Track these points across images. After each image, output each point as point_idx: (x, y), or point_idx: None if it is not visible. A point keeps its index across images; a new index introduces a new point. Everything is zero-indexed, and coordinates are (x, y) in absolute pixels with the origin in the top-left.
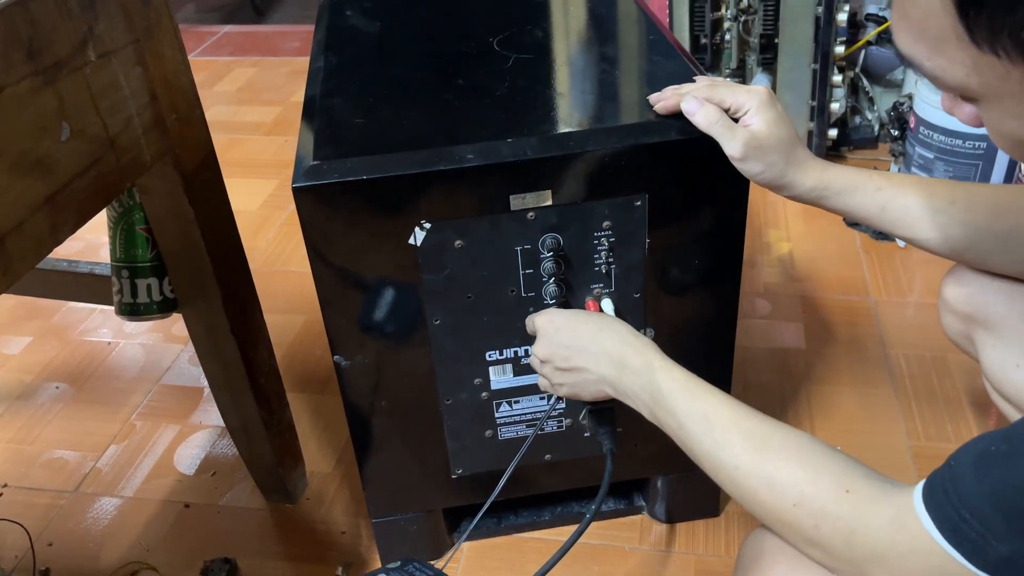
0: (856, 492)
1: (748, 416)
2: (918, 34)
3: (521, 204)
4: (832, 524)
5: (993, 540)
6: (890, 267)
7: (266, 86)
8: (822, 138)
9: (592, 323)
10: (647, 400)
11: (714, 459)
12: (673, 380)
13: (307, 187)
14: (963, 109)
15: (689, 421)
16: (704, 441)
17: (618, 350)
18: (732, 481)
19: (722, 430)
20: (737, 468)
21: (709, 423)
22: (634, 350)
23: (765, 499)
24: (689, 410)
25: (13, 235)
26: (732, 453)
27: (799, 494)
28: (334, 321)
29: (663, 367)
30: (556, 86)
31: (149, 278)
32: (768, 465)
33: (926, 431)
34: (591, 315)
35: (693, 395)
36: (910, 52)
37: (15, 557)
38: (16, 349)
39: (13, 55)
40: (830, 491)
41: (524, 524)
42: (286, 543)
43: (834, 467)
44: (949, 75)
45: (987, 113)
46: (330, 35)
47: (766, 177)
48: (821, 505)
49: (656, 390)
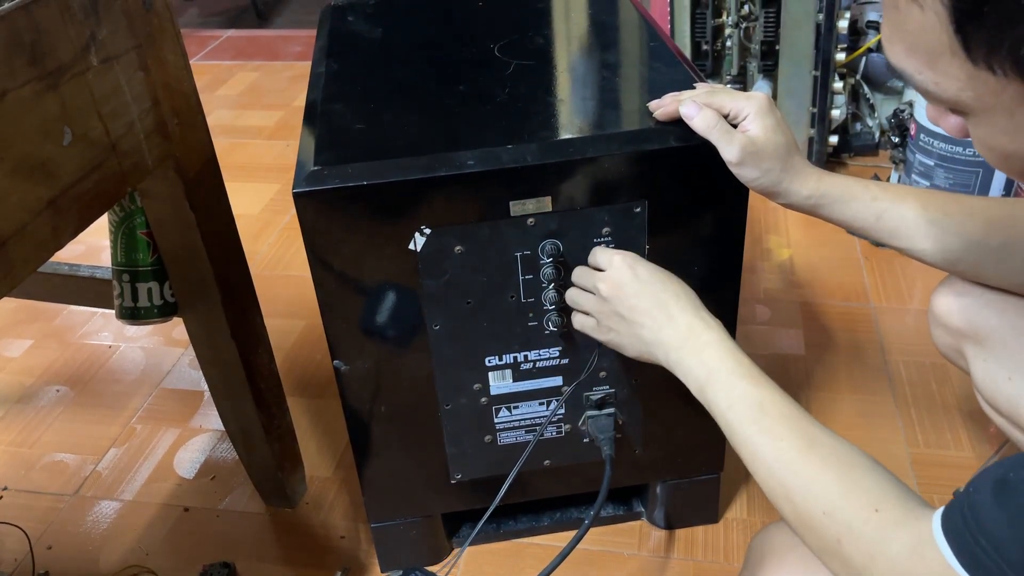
0: (883, 513)
1: (802, 416)
2: (911, 47)
3: (521, 210)
4: (854, 543)
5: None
6: (890, 274)
7: (268, 91)
8: (823, 145)
9: (672, 285)
10: (701, 375)
11: (756, 447)
12: (737, 362)
13: (308, 192)
14: (949, 120)
15: (741, 404)
16: (751, 427)
17: (688, 321)
18: (768, 472)
19: (772, 420)
20: (778, 460)
21: (762, 410)
22: (705, 324)
23: (796, 499)
24: (744, 393)
25: (15, 239)
26: (776, 446)
27: (830, 504)
28: (334, 326)
29: (730, 348)
30: (556, 92)
31: (150, 282)
32: (809, 467)
33: (925, 438)
34: (672, 277)
35: (753, 381)
36: (902, 65)
37: (14, 560)
38: (17, 352)
39: (16, 60)
40: (860, 509)
41: (523, 529)
42: (285, 547)
43: (870, 483)
44: (942, 89)
45: (977, 128)
46: (332, 40)
47: (762, 183)
48: (848, 521)
49: (716, 367)
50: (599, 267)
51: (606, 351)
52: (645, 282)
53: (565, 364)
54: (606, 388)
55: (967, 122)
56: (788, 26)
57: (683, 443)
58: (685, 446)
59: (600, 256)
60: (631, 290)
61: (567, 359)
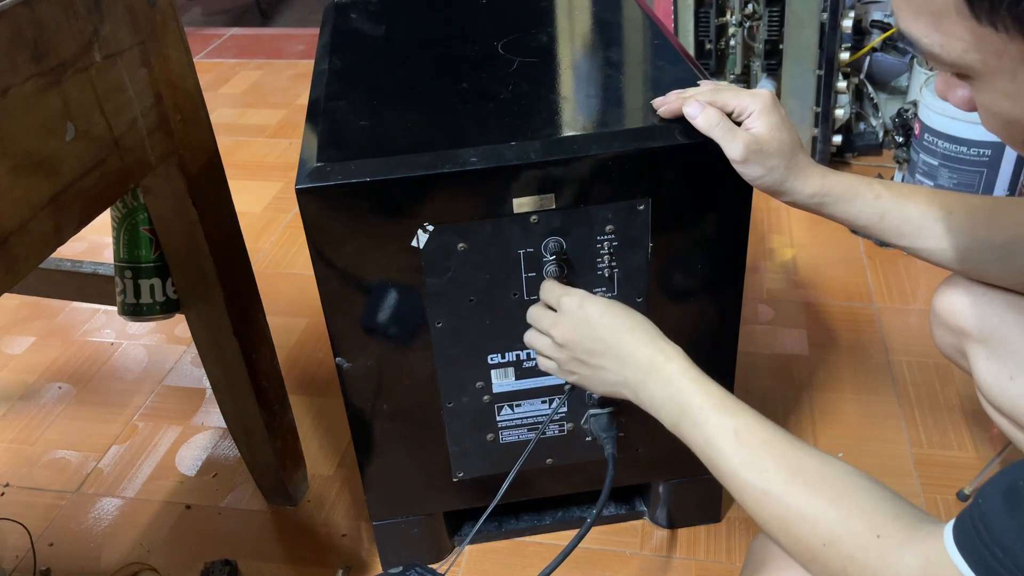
0: (886, 538)
1: (782, 439)
2: (918, 9)
3: (524, 207)
4: (860, 571)
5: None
6: (894, 274)
7: (271, 89)
8: (826, 144)
9: (626, 320)
10: (673, 410)
11: (741, 480)
12: (705, 394)
13: (310, 189)
14: (956, 92)
15: (718, 437)
16: (732, 460)
17: (648, 355)
18: (758, 505)
19: (752, 451)
20: (766, 493)
21: (739, 441)
22: (665, 357)
23: (792, 532)
24: (719, 425)
25: (17, 234)
26: (762, 478)
27: (829, 534)
28: (336, 323)
29: (694, 378)
30: (560, 90)
31: (152, 279)
32: (800, 497)
33: (928, 438)
34: (624, 311)
35: (725, 410)
36: (910, 29)
37: (16, 557)
38: (19, 349)
39: (18, 56)
40: (860, 536)
41: (525, 528)
42: (287, 545)
43: (867, 505)
44: (947, 51)
45: (981, 94)
46: (335, 38)
47: (766, 182)
48: (850, 551)
49: (685, 401)
50: (550, 305)
51: None
52: (597, 323)
53: None
54: None
55: (973, 88)
56: (792, 25)
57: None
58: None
59: (549, 295)
60: (584, 333)
61: None
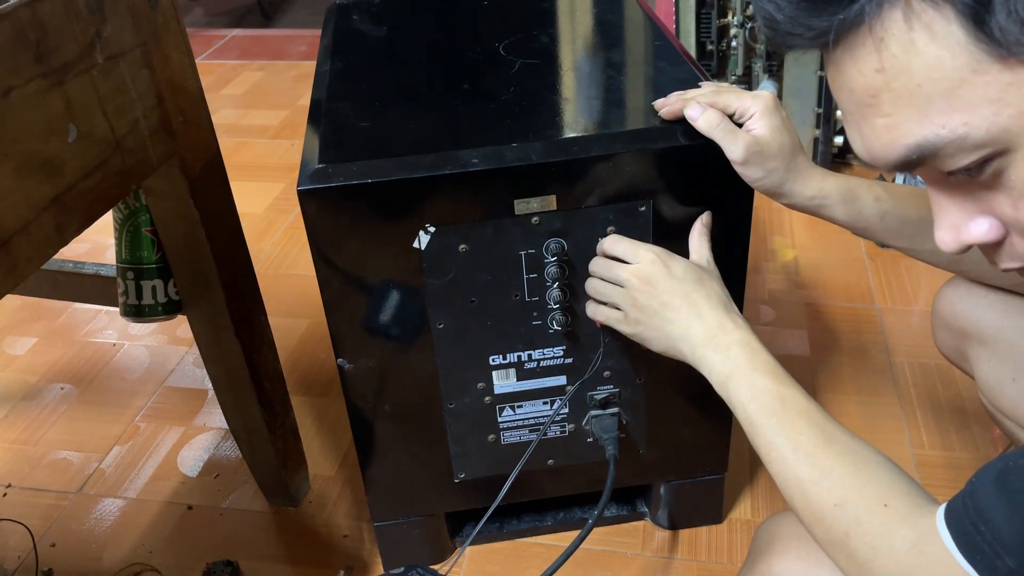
0: (892, 508)
1: (822, 414)
2: (925, 101)
3: (525, 209)
4: (861, 536)
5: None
6: (895, 275)
7: (273, 90)
8: (828, 145)
9: (706, 285)
10: (725, 370)
11: (774, 437)
12: (762, 360)
13: (312, 190)
14: (978, 223)
15: (763, 399)
16: (770, 419)
17: (717, 318)
18: (783, 463)
19: (792, 415)
20: (795, 452)
21: (783, 404)
22: (734, 324)
23: (809, 491)
24: (766, 388)
25: (19, 235)
26: (794, 439)
27: (843, 497)
28: (338, 324)
29: (756, 348)
30: (561, 91)
31: (154, 280)
32: (825, 460)
33: (930, 440)
34: (706, 274)
35: (776, 378)
36: (917, 136)
37: (18, 558)
38: (21, 350)
39: (21, 57)
40: (870, 501)
41: (526, 529)
42: (288, 546)
43: (883, 479)
44: (975, 126)
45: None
46: (337, 39)
47: (766, 184)
48: (858, 513)
49: (741, 363)
50: (623, 259)
51: (610, 351)
52: (679, 279)
53: (569, 363)
54: (610, 388)
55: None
56: None
57: (687, 443)
58: (689, 446)
59: (625, 247)
60: (664, 286)
61: (571, 358)
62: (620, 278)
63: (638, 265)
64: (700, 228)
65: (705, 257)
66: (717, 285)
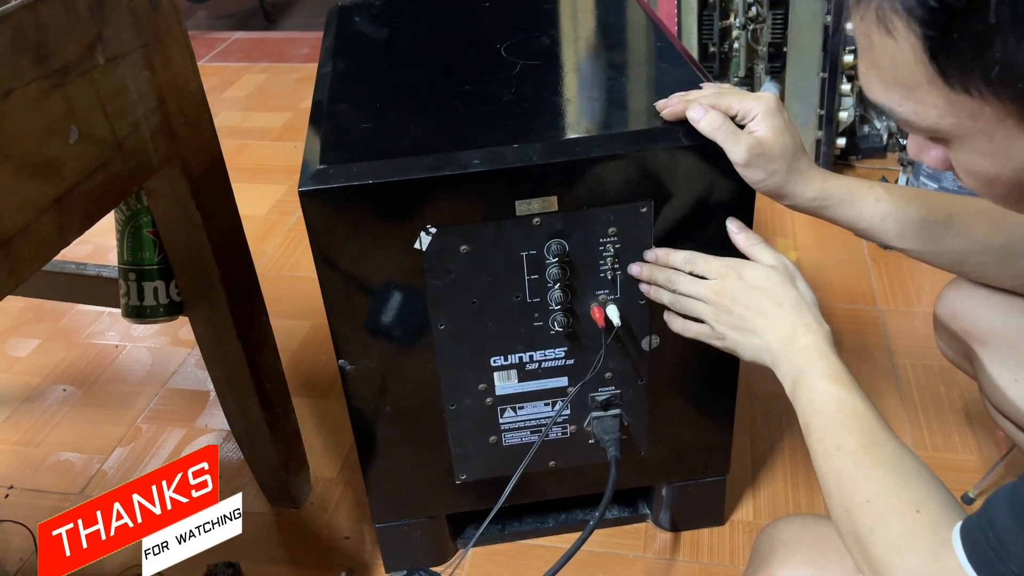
0: (923, 515)
1: (877, 421)
2: (890, 82)
3: (527, 210)
4: (886, 533)
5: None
6: (898, 276)
7: (275, 92)
8: (830, 147)
9: (780, 291)
10: (794, 375)
11: (824, 435)
12: (828, 365)
13: (313, 191)
14: (931, 153)
15: (822, 401)
16: (822, 420)
17: (791, 326)
18: (827, 458)
19: (846, 417)
20: (840, 449)
21: (840, 408)
22: (806, 330)
23: (845, 483)
24: (828, 392)
25: (20, 237)
26: (844, 437)
27: (876, 494)
28: (339, 325)
29: (824, 352)
30: (563, 92)
31: (156, 281)
32: (868, 460)
33: (933, 441)
34: (782, 281)
35: (839, 383)
36: (881, 100)
37: (20, 559)
38: (24, 351)
39: (21, 58)
40: (903, 504)
41: (528, 531)
42: (290, 548)
43: (921, 487)
44: (922, 118)
45: (959, 154)
46: (338, 41)
47: (768, 185)
48: (886, 513)
49: (807, 368)
50: (704, 276)
51: (612, 352)
52: (753, 288)
53: (571, 365)
54: (612, 389)
55: (949, 150)
56: (796, 28)
57: (689, 445)
58: (691, 448)
59: (703, 265)
60: (741, 298)
61: (572, 360)
62: (700, 294)
63: (715, 281)
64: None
65: (771, 256)
66: (791, 286)
